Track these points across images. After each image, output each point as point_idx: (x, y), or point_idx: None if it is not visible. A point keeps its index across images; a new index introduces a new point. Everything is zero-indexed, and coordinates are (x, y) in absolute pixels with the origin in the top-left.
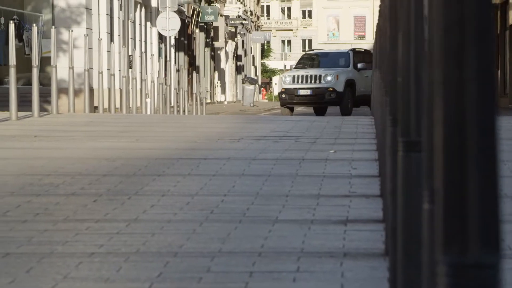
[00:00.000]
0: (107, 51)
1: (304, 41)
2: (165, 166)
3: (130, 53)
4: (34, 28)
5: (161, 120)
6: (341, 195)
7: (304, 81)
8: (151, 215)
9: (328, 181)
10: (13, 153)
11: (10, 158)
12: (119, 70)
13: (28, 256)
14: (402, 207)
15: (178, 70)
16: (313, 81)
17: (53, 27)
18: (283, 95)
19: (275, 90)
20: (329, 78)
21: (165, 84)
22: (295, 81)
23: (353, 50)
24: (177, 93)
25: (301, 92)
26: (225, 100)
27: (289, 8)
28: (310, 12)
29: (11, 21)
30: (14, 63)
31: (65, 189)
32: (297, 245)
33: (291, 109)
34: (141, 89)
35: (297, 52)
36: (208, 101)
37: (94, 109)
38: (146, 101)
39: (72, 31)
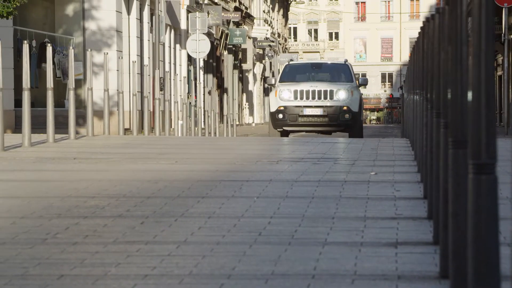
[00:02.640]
0: (137, 73)
1: None
2: (208, 188)
3: (161, 76)
4: (71, 52)
5: (196, 142)
6: (387, 217)
7: (311, 97)
8: (200, 237)
9: (372, 203)
10: (55, 176)
11: (53, 180)
12: (149, 92)
13: (83, 278)
14: (473, 229)
15: (209, 92)
16: (322, 98)
17: (88, 50)
18: (280, 115)
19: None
20: (343, 94)
21: (196, 106)
22: (298, 97)
23: (346, 61)
24: (208, 115)
25: (308, 112)
26: (253, 122)
27: (316, 30)
28: (337, 34)
29: (48, 44)
30: (52, 86)
31: (111, 211)
32: (350, 268)
33: (286, 134)
34: (172, 111)
35: None
36: (237, 123)
37: (125, 131)
38: (179, 123)
39: (107, 54)
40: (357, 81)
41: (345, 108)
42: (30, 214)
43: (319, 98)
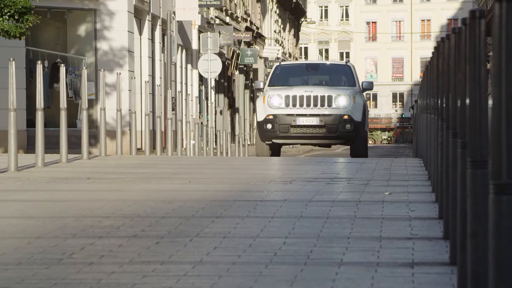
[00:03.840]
0: (149, 93)
1: None
2: (222, 208)
3: (173, 95)
4: (84, 72)
5: (208, 162)
6: (403, 237)
7: (305, 104)
8: (215, 257)
9: (388, 223)
10: (69, 196)
11: (67, 200)
12: (161, 112)
13: None
14: (494, 250)
15: (221, 112)
16: (319, 105)
17: (101, 70)
18: (269, 125)
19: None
20: (343, 100)
21: (207, 126)
22: (290, 104)
23: (348, 61)
24: (220, 135)
25: (302, 121)
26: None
27: (327, 50)
28: (348, 54)
29: (61, 65)
30: (65, 106)
31: (126, 231)
32: None
33: (276, 148)
34: (184, 131)
35: None
36: (248, 142)
37: (137, 150)
38: (191, 142)
39: (120, 74)
40: (360, 85)
41: (346, 117)
42: (45, 234)
43: (315, 105)
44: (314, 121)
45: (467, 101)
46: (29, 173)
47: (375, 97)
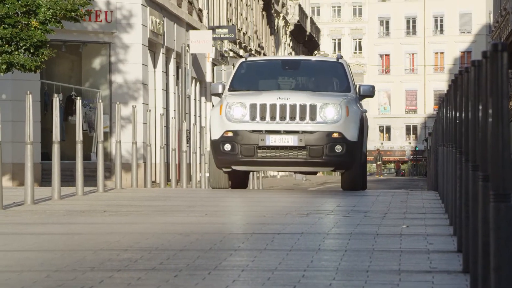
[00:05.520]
0: (164, 126)
1: None
2: (240, 241)
3: (187, 128)
4: (100, 105)
5: (223, 195)
6: (422, 271)
7: (278, 117)
8: None
9: (406, 256)
10: (86, 229)
11: (84, 233)
12: (176, 145)
13: None
14: None
15: None
16: (298, 118)
17: (117, 103)
18: (228, 146)
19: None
20: (332, 112)
21: None
22: (258, 116)
23: (341, 57)
24: None
25: (274, 141)
26: (277, 174)
27: None
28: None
29: (78, 98)
30: (81, 139)
31: (144, 264)
32: None
33: (240, 176)
34: (198, 163)
35: None
36: (262, 175)
37: (152, 183)
38: (206, 175)
39: (135, 107)
40: (357, 90)
41: (335, 135)
42: (63, 267)
43: (293, 118)
44: (291, 140)
45: (489, 134)
46: (45, 206)
47: (388, 129)
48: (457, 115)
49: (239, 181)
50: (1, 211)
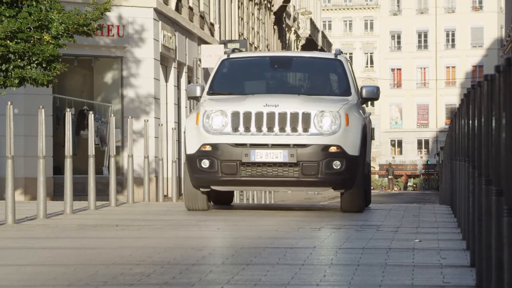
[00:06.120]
0: (176, 140)
1: None
2: (252, 255)
3: None
4: (112, 119)
5: (235, 209)
6: (435, 285)
7: (265, 127)
8: None
9: (419, 270)
10: (99, 243)
11: (97, 247)
12: None
13: None
14: None
15: None
16: (288, 128)
17: (129, 117)
18: (205, 162)
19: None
20: (329, 121)
21: None
22: (240, 126)
23: (340, 53)
24: None
25: (260, 156)
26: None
27: None
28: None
29: (90, 112)
30: (93, 153)
31: (157, 278)
32: None
33: (222, 196)
34: None
35: None
36: None
37: (164, 197)
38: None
39: (147, 121)
40: (359, 93)
41: (333, 148)
42: (76, 282)
43: (282, 129)
44: (280, 155)
45: (502, 148)
46: (58, 220)
47: (400, 143)
48: (470, 129)
49: (221, 200)
50: (13, 226)
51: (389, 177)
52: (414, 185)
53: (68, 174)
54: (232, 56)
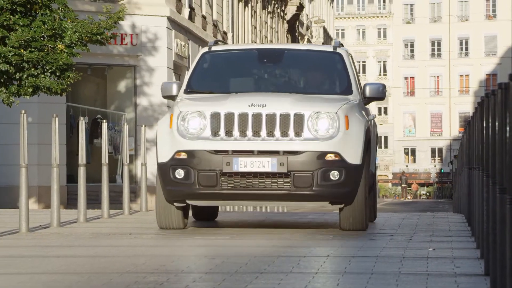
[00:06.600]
0: None
1: (379, 137)
2: (266, 264)
3: None
4: (125, 128)
5: (248, 217)
6: None
7: (251, 132)
8: None
9: (433, 279)
10: (112, 251)
11: (110, 256)
12: None
13: None
14: None
15: None
16: (278, 132)
17: (142, 125)
18: (180, 172)
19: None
20: (325, 124)
21: None
22: (221, 130)
23: (340, 45)
24: None
25: (244, 165)
26: None
27: None
28: (386, 109)
29: (103, 121)
30: (107, 161)
31: (170, 287)
32: None
33: (202, 211)
34: None
35: None
36: None
37: None
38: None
39: None
40: (361, 92)
41: (330, 156)
42: None
43: (270, 133)
44: (268, 164)
45: None
46: (71, 228)
47: (413, 151)
48: (484, 137)
49: (202, 215)
50: (27, 234)
51: (403, 185)
52: (428, 194)
53: (81, 182)
54: (214, 48)
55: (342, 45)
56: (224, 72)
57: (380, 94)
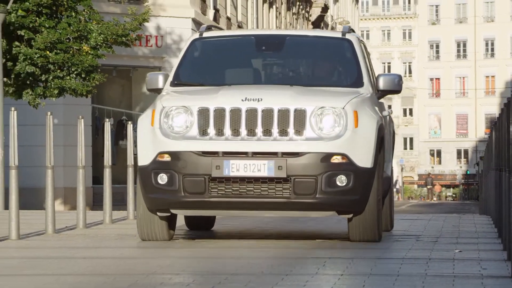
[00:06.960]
0: None
1: (405, 139)
2: (291, 266)
3: None
4: None
5: (269, 219)
6: None
7: (245, 130)
8: None
9: (459, 281)
10: (138, 252)
11: (136, 257)
12: None
13: None
14: None
15: None
16: (275, 131)
17: None
18: (162, 177)
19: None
20: (331, 121)
21: None
22: (210, 128)
23: (350, 30)
24: None
25: (236, 169)
26: None
27: (389, 106)
28: (411, 110)
29: (129, 122)
30: (132, 163)
31: None
32: None
33: (196, 220)
34: None
35: (399, 150)
36: None
37: None
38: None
39: None
40: (373, 84)
41: (337, 158)
42: None
43: (267, 131)
44: (264, 168)
45: None
46: (97, 230)
47: (439, 153)
48: (510, 138)
49: (198, 218)
50: (53, 235)
51: (428, 187)
52: (454, 195)
53: (107, 183)
54: (206, 35)
55: (353, 31)
56: (217, 62)
57: (396, 86)
